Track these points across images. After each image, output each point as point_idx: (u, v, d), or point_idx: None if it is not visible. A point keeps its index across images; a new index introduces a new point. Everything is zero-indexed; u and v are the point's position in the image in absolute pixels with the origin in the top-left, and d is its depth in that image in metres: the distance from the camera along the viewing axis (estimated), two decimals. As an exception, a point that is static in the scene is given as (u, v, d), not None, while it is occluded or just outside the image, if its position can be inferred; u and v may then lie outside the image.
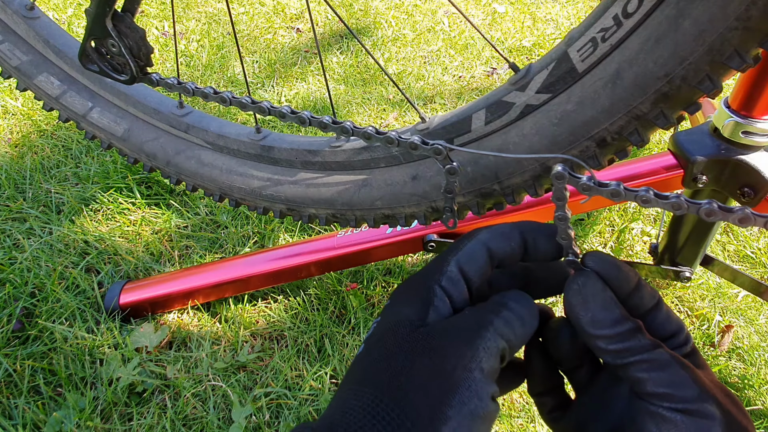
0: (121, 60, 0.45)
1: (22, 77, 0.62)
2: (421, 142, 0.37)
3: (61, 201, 1.00)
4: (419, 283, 0.34)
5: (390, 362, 0.30)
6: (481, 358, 0.29)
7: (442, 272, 0.34)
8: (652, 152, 1.19)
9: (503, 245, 0.34)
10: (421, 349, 0.30)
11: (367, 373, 0.30)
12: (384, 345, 0.31)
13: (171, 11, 0.89)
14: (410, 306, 0.33)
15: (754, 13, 0.30)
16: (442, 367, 0.28)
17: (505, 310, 0.31)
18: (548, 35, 1.60)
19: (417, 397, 0.28)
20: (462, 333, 0.30)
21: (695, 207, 0.30)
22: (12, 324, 0.79)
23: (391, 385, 0.28)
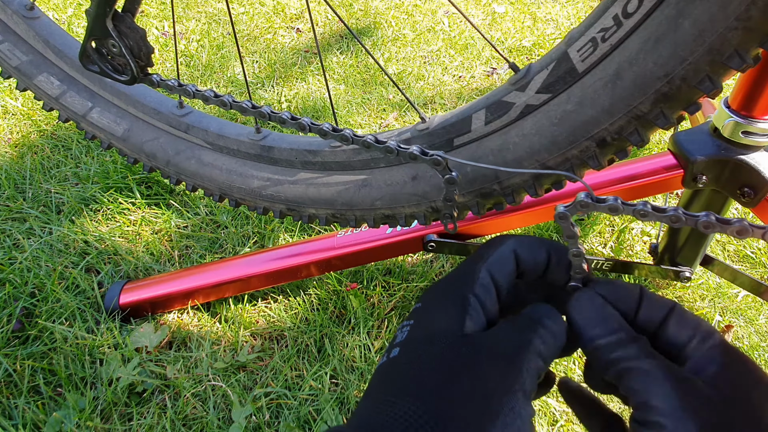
0: (121, 60, 0.45)
1: (22, 77, 0.62)
2: (420, 153, 0.37)
3: (61, 201, 1.00)
4: (452, 291, 0.34)
5: (430, 375, 0.29)
6: (524, 380, 0.29)
7: (475, 280, 0.34)
8: (652, 152, 1.19)
9: (530, 256, 0.35)
10: (462, 365, 0.30)
11: (405, 384, 0.30)
12: (421, 356, 0.31)
13: (171, 11, 0.89)
14: (446, 314, 0.33)
15: (754, 13, 0.30)
16: (486, 387, 0.29)
17: (541, 328, 0.32)
18: (548, 35, 1.60)
19: (460, 414, 0.28)
20: (505, 353, 0.30)
21: (693, 220, 0.31)
22: (12, 324, 0.79)
23: (433, 400, 0.28)
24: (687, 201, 0.69)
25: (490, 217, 0.70)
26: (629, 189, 0.69)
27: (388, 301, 0.85)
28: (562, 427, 0.72)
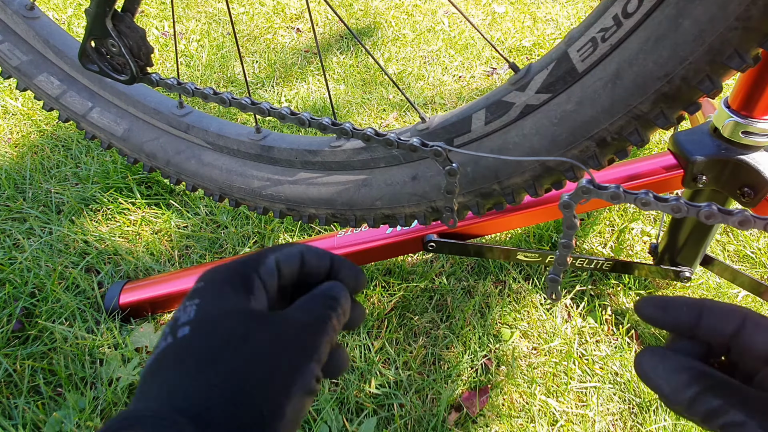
0: (121, 60, 0.45)
1: (22, 77, 0.62)
2: (420, 144, 0.37)
3: (61, 201, 1.00)
4: (237, 270, 0.35)
5: (232, 350, 0.30)
6: (321, 353, 0.31)
7: (261, 262, 0.35)
8: (652, 152, 1.19)
9: (316, 259, 0.37)
10: (265, 340, 0.31)
11: (202, 360, 0.30)
12: (218, 332, 0.31)
13: (171, 11, 0.89)
14: (232, 293, 0.33)
15: (754, 13, 0.30)
16: (289, 357, 0.30)
17: (338, 306, 0.34)
18: (548, 35, 1.60)
19: (265, 379, 0.29)
20: (304, 328, 0.32)
21: (695, 210, 0.30)
22: (12, 324, 0.79)
23: (234, 373, 0.29)
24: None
25: (490, 217, 0.70)
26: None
27: (388, 301, 0.85)
28: (562, 427, 0.72)
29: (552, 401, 0.74)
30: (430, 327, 0.83)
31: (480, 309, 0.85)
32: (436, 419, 0.72)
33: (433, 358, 0.79)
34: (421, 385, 0.75)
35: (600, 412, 0.73)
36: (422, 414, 0.73)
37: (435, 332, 0.82)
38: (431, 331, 0.82)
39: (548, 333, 0.82)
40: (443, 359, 0.79)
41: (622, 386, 0.76)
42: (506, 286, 0.88)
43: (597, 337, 0.81)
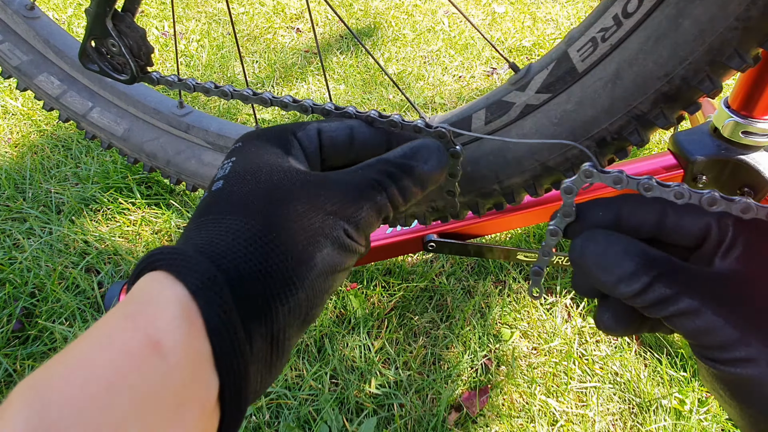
0: (121, 60, 0.45)
1: (23, 77, 0.62)
2: (424, 126, 0.37)
3: (61, 201, 1.00)
4: (275, 131, 0.34)
5: (262, 197, 0.29)
6: (362, 215, 0.29)
7: (301, 127, 0.34)
8: (652, 152, 1.19)
9: (364, 132, 0.35)
10: (300, 190, 0.29)
11: (230, 204, 0.29)
12: (250, 181, 0.30)
13: (171, 11, 0.89)
14: (269, 150, 0.32)
15: (754, 13, 0.30)
16: (323, 207, 0.29)
17: (407, 179, 0.31)
18: (548, 35, 1.60)
19: (294, 226, 0.28)
20: (351, 186, 0.30)
21: (697, 196, 0.29)
22: (12, 324, 0.79)
23: (266, 214, 0.28)
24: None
25: (490, 217, 0.70)
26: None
27: (388, 301, 0.85)
28: (562, 427, 0.72)
29: (552, 401, 0.74)
30: (430, 327, 0.83)
31: (480, 309, 0.85)
32: (436, 419, 0.72)
33: (433, 358, 0.79)
34: (421, 385, 0.75)
35: (600, 412, 0.73)
36: (422, 414, 0.73)
37: (435, 332, 0.82)
38: (431, 331, 0.82)
39: (548, 333, 0.82)
40: (443, 359, 0.79)
41: (622, 386, 0.76)
42: (506, 286, 0.88)
43: (597, 337, 0.81)
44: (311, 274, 0.27)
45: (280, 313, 0.26)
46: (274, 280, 0.26)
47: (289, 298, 0.26)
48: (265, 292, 0.26)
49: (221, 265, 0.25)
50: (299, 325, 0.28)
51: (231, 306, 0.24)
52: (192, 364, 0.23)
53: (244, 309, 0.25)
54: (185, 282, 0.24)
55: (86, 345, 0.22)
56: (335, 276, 0.29)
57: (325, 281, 0.28)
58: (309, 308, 0.27)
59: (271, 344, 0.26)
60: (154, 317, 0.23)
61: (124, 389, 0.20)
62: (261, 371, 0.26)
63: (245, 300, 0.25)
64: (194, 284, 0.24)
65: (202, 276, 0.24)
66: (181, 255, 0.25)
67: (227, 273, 0.25)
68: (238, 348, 0.24)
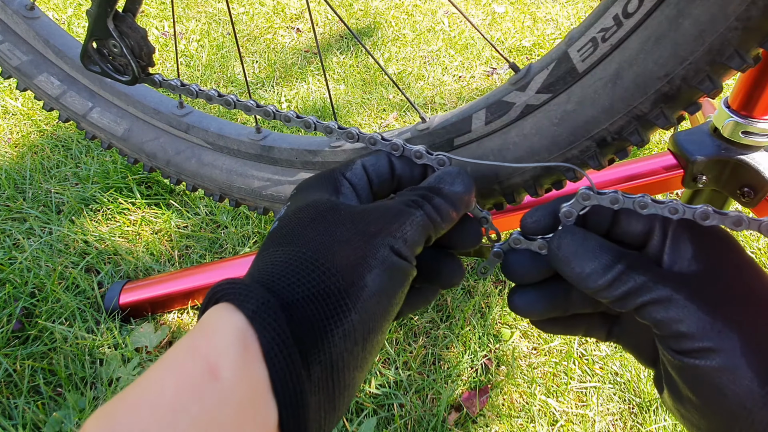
0: (122, 61, 0.45)
1: (23, 77, 0.62)
2: (425, 152, 0.38)
3: (61, 201, 1.00)
4: (326, 175, 0.36)
5: (311, 228, 0.30)
6: (406, 230, 0.30)
7: (348, 167, 0.36)
8: (652, 152, 1.19)
9: (404, 166, 0.37)
10: (345, 219, 0.31)
11: (286, 237, 0.31)
12: (301, 217, 0.32)
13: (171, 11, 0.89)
14: (320, 191, 0.34)
15: (754, 13, 0.30)
16: (367, 230, 0.30)
17: (438, 198, 0.33)
18: (548, 35, 1.60)
19: (342, 250, 0.29)
20: (390, 210, 0.31)
21: (691, 211, 0.31)
22: (12, 324, 0.79)
23: (315, 242, 0.29)
24: (687, 201, 0.69)
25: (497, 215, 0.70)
26: (629, 189, 0.69)
27: (388, 301, 0.85)
28: (562, 427, 0.72)
29: (552, 401, 0.74)
30: (430, 327, 0.83)
31: (480, 309, 0.85)
32: (436, 419, 0.72)
33: (433, 358, 0.79)
34: (421, 385, 0.75)
35: (600, 412, 0.73)
36: (422, 414, 0.73)
37: (435, 332, 0.82)
38: (431, 331, 0.82)
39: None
40: (443, 359, 0.79)
41: (622, 386, 0.76)
42: (506, 286, 0.88)
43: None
44: (363, 295, 0.28)
45: (335, 335, 0.27)
46: (326, 303, 0.27)
47: (343, 320, 0.27)
48: (318, 314, 0.27)
49: (275, 290, 0.27)
50: (359, 353, 0.28)
51: (285, 328, 0.25)
52: (248, 388, 0.24)
53: (298, 331, 0.26)
54: (242, 309, 0.25)
55: (154, 373, 0.24)
56: (389, 298, 0.29)
57: (378, 303, 0.29)
58: (365, 333, 0.28)
59: (331, 373, 0.26)
60: (213, 344, 0.24)
61: (186, 414, 0.22)
62: (323, 404, 0.26)
63: (299, 322, 0.26)
64: (250, 310, 0.25)
65: (257, 302, 0.26)
66: (238, 285, 0.27)
67: (281, 297, 0.26)
68: (294, 371, 0.25)
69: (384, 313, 0.29)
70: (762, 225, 0.30)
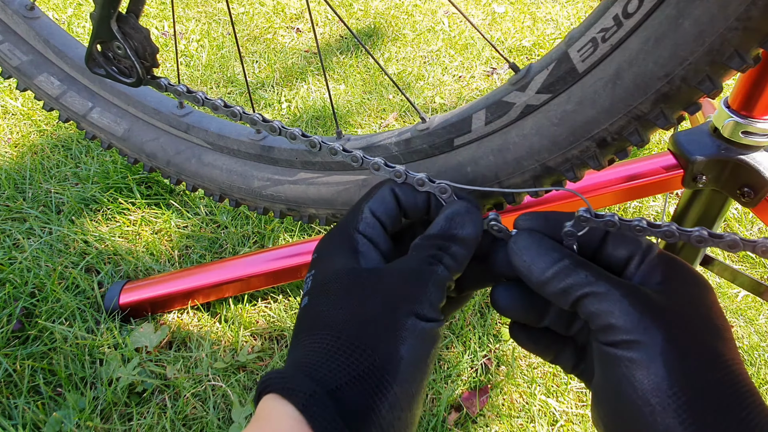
0: (127, 63, 0.45)
1: (23, 77, 0.62)
2: (428, 179, 0.38)
3: (61, 201, 1.00)
4: (341, 233, 0.37)
5: (339, 308, 0.32)
6: (430, 293, 0.32)
7: (358, 219, 0.37)
8: (652, 152, 1.19)
9: (409, 197, 0.38)
10: (371, 290, 0.32)
11: (318, 320, 0.32)
12: (329, 294, 0.33)
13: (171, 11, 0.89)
14: (340, 255, 0.35)
15: (754, 13, 0.30)
16: (392, 301, 0.31)
17: (455, 246, 0.34)
18: (548, 35, 1.60)
19: (373, 328, 0.30)
20: (411, 272, 0.33)
21: (686, 235, 0.32)
22: (12, 324, 0.79)
23: (346, 323, 0.31)
24: (687, 201, 0.69)
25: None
26: (629, 189, 0.69)
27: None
28: (562, 427, 0.72)
29: (552, 401, 0.74)
30: (430, 327, 0.83)
31: (480, 309, 0.85)
32: (436, 419, 0.72)
33: (433, 358, 0.79)
34: (421, 385, 0.75)
35: (600, 412, 0.73)
36: (422, 414, 0.73)
37: (435, 332, 0.82)
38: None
39: (548, 333, 0.82)
40: (443, 359, 0.79)
41: (622, 386, 0.76)
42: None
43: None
44: (400, 367, 0.30)
45: (381, 409, 0.29)
46: (368, 383, 0.29)
47: (387, 395, 0.29)
48: (363, 395, 0.29)
49: (320, 380, 0.29)
50: (407, 417, 0.30)
51: (335, 417, 0.27)
52: None
53: (347, 416, 0.28)
54: (292, 401, 0.28)
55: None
56: (425, 361, 0.31)
57: (416, 369, 0.31)
58: (409, 399, 0.30)
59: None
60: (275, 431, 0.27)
61: None
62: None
63: (347, 407, 0.28)
64: (300, 402, 0.28)
65: (305, 393, 0.28)
66: (285, 377, 0.29)
67: (326, 385, 0.28)
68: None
69: (423, 375, 0.31)
70: (757, 246, 0.30)
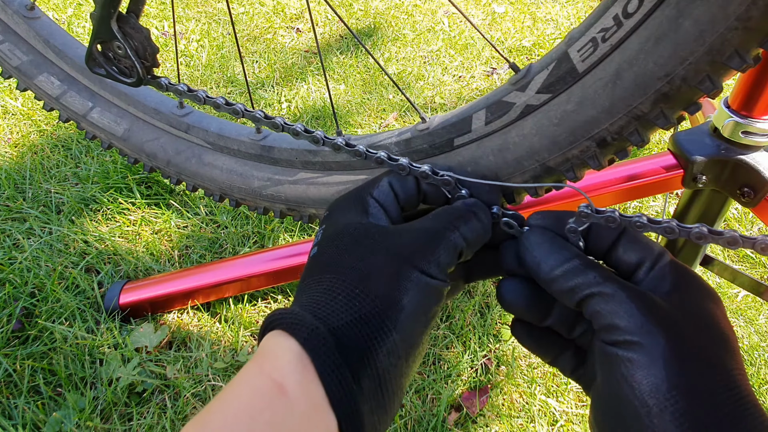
0: (127, 62, 0.45)
1: (23, 77, 0.62)
2: (431, 172, 0.38)
3: (61, 201, 1.00)
4: (355, 195, 0.38)
5: (348, 255, 0.33)
6: (440, 254, 0.33)
7: (375, 185, 0.38)
8: (652, 152, 1.19)
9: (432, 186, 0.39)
10: (378, 244, 0.33)
11: (325, 266, 0.33)
12: (338, 244, 0.34)
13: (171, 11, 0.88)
14: (352, 213, 0.36)
15: (754, 13, 0.30)
16: (401, 254, 0.32)
17: (474, 219, 0.35)
18: (548, 35, 1.60)
19: (378, 275, 0.31)
20: (425, 231, 0.34)
21: (686, 231, 0.32)
22: (12, 324, 0.79)
23: (352, 269, 0.32)
24: (687, 201, 0.69)
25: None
26: (629, 189, 0.69)
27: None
28: (562, 427, 0.72)
29: (552, 401, 0.74)
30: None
31: (480, 309, 0.86)
32: (436, 419, 0.72)
33: (433, 358, 0.79)
34: (421, 385, 0.75)
35: (600, 412, 0.73)
36: (422, 414, 0.73)
37: (435, 332, 0.82)
38: (431, 331, 0.82)
39: (548, 333, 0.82)
40: (443, 359, 0.79)
41: (622, 386, 0.76)
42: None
43: (597, 337, 0.81)
44: (401, 316, 0.31)
45: (380, 354, 0.30)
46: (369, 326, 0.30)
47: (386, 340, 0.30)
48: (363, 336, 0.30)
49: (323, 318, 0.30)
50: (404, 366, 0.31)
51: (334, 352, 0.28)
52: (310, 402, 0.27)
53: (346, 353, 0.29)
54: (295, 336, 0.29)
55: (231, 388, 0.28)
56: (425, 315, 0.32)
57: (416, 321, 0.31)
58: (407, 348, 0.31)
59: (379, 385, 0.29)
60: (276, 366, 0.28)
61: (261, 420, 0.26)
62: (374, 409, 0.30)
63: (346, 346, 0.29)
64: (302, 337, 0.29)
65: (308, 329, 0.29)
66: (290, 314, 0.30)
67: (328, 324, 0.29)
68: (346, 387, 0.28)
69: (423, 328, 0.32)
70: (756, 243, 0.30)
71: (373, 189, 0.38)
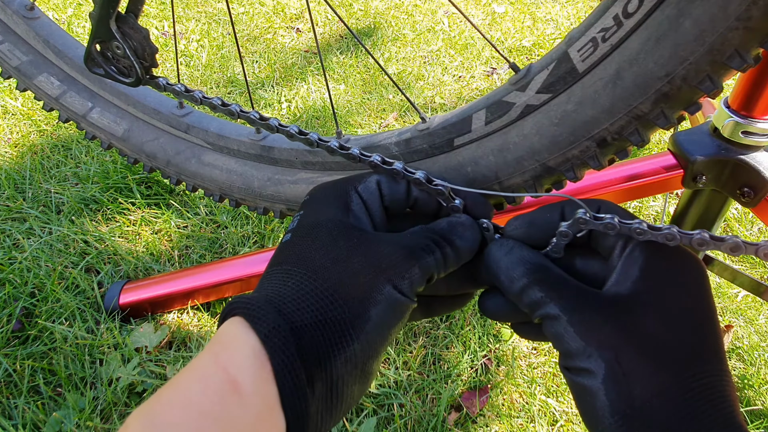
0: (126, 62, 0.45)
1: (22, 77, 0.62)
2: (425, 180, 0.38)
3: (61, 201, 1.00)
4: (339, 186, 0.37)
5: (323, 253, 0.32)
6: (414, 273, 0.32)
7: (360, 180, 0.37)
8: (652, 152, 1.19)
9: (423, 192, 0.38)
10: (357, 249, 0.32)
11: (299, 258, 0.32)
12: (314, 237, 0.33)
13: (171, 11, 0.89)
14: (332, 206, 0.35)
15: (754, 13, 0.30)
16: (378, 265, 0.32)
17: (449, 248, 0.34)
18: (548, 35, 1.60)
19: (351, 282, 0.31)
20: (404, 247, 0.33)
21: (687, 238, 0.32)
22: (12, 324, 0.79)
23: (325, 269, 0.31)
24: (687, 201, 0.69)
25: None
26: (629, 189, 0.69)
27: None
28: (562, 427, 0.72)
29: (552, 401, 0.74)
30: (430, 327, 0.83)
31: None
32: (436, 419, 0.72)
33: (433, 358, 0.79)
34: (421, 385, 0.75)
35: (600, 412, 0.73)
36: (422, 414, 0.73)
37: (435, 332, 0.82)
38: (431, 331, 0.82)
39: (548, 333, 0.82)
40: (443, 359, 0.79)
41: (622, 386, 0.76)
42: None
43: (597, 337, 0.81)
44: (366, 327, 0.30)
45: (337, 361, 0.29)
46: (332, 331, 0.29)
47: (346, 349, 0.29)
48: (324, 340, 0.29)
49: (286, 315, 0.29)
50: (359, 376, 0.30)
51: (294, 353, 0.28)
52: (263, 402, 0.27)
53: (305, 356, 0.28)
54: (256, 330, 0.28)
55: (184, 377, 0.27)
56: (389, 330, 0.32)
57: (379, 335, 0.31)
58: (365, 359, 0.30)
59: (331, 390, 0.29)
60: (232, 358, 0.27)
61: (212, 419, 0.25)
62: (322, 411, 0.29)
63: (306, 348, 0.28)
64: (263, 332, 0.28)
65: (269, 325, 0.28)
66: (254, 305, 0.29)
67: (291, 322, 0.29)
68: (299, 389, 0.28)
69: (383, 342, 0.31)
70: (760, 249, 0.30)
71: (359, 184, 0.37)
